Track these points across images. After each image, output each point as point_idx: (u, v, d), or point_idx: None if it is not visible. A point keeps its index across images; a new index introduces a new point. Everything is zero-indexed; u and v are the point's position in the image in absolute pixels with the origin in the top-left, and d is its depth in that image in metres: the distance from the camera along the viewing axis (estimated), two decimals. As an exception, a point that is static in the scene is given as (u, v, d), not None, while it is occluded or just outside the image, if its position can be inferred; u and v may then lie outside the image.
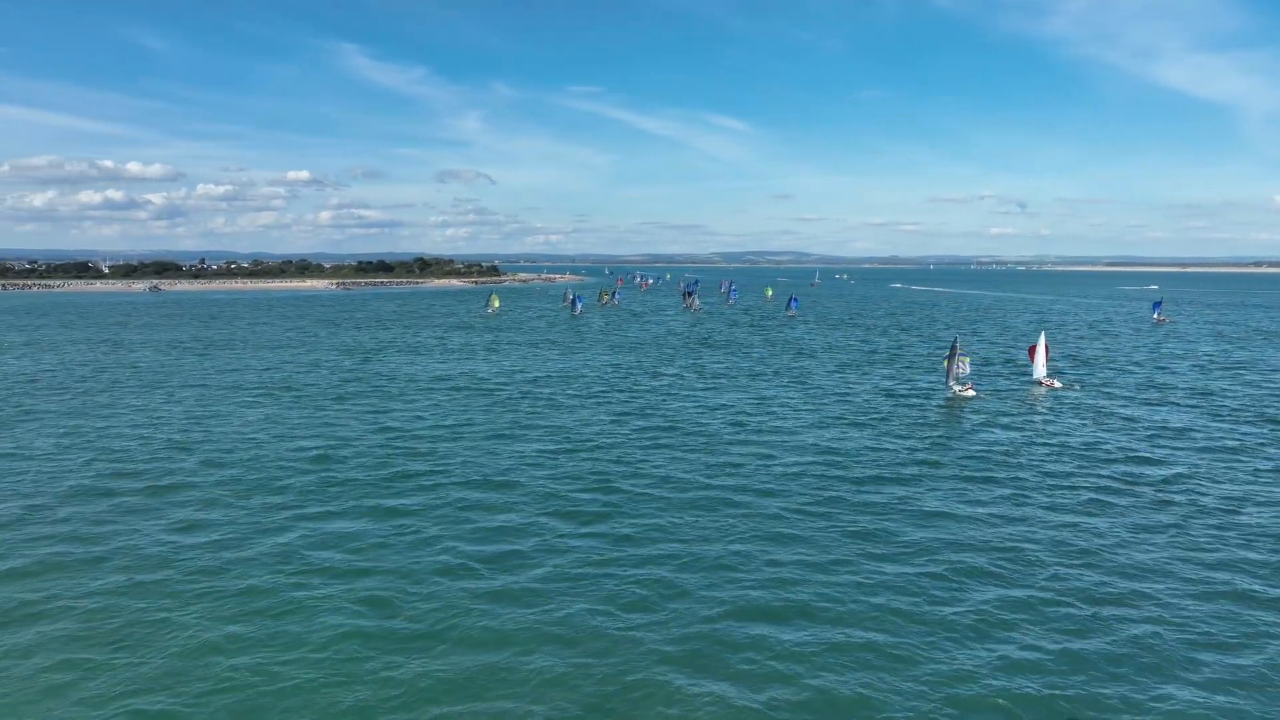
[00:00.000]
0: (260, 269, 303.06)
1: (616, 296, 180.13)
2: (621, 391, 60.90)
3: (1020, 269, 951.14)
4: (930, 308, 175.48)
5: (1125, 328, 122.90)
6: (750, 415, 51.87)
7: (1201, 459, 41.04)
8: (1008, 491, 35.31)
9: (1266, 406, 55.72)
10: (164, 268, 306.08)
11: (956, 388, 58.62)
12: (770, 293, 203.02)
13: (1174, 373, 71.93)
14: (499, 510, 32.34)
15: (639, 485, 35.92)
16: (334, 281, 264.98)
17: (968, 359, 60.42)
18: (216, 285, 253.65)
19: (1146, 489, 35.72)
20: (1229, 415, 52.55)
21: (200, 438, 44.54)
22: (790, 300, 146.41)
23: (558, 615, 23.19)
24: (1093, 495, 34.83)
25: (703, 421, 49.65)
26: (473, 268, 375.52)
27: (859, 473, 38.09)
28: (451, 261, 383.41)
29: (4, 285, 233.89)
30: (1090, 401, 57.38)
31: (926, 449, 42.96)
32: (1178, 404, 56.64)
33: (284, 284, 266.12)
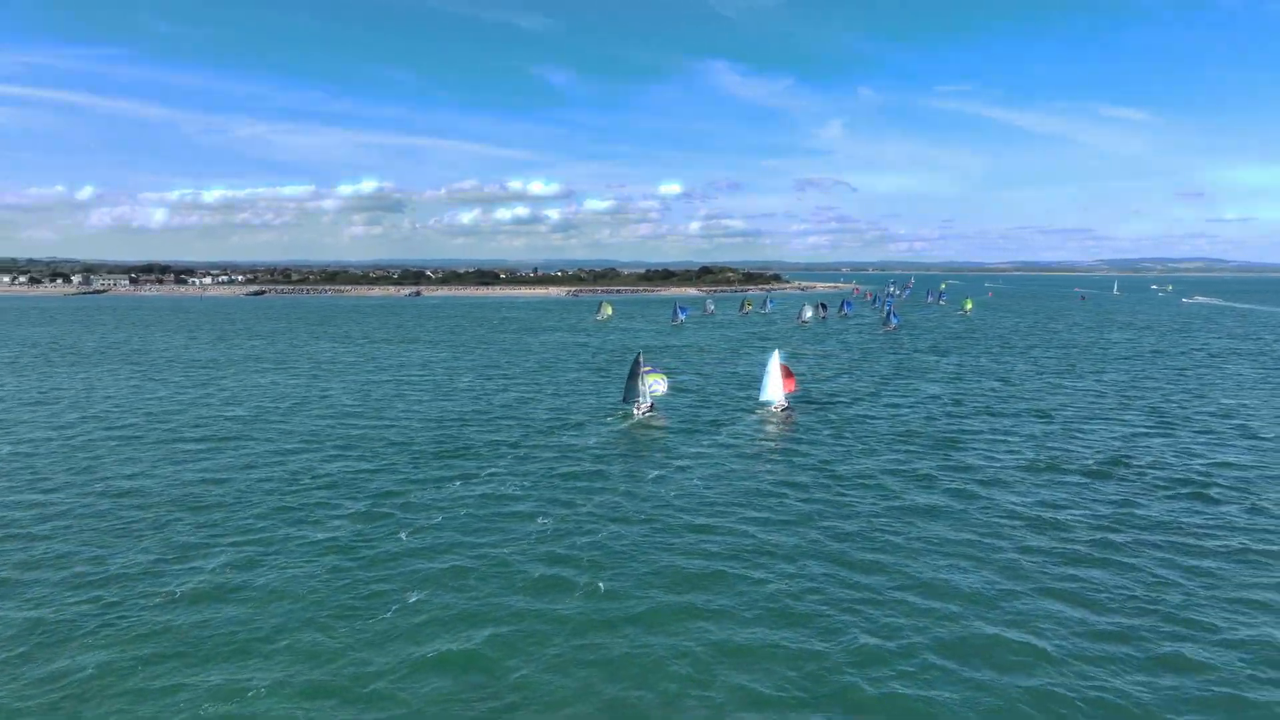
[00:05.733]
0: (514, 278, 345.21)
1: (769, 305, 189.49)
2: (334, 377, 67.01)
3: None
4: (1139, 328, 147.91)
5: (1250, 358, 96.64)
6: (354, 403, 56.20)
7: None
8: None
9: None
10: (484, 275, 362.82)
11: (639, 406, 55.84)
12: (970, 306, 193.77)
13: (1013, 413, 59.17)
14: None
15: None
16: (566, 289, 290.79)
17: (663, 378, 56.83)
18: (469, 291, 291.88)
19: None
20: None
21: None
22: (890, 314, 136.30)
23: None
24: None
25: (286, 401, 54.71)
26: (737, 272, 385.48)
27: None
28: (732, 270, 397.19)
29: (329, 289, 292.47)
30: (791, 432, 51.64)
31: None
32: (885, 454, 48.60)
33: (530, 290, 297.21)
